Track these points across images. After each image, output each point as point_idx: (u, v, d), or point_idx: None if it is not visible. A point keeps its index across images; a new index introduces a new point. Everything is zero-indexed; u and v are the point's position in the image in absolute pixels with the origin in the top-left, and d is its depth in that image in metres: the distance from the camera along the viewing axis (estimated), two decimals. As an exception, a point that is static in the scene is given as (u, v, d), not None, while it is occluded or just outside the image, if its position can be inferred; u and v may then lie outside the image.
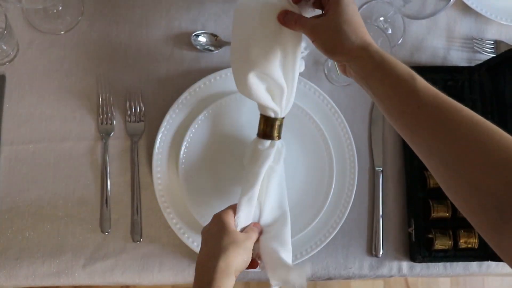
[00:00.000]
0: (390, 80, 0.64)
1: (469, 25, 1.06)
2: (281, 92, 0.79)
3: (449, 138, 0.58)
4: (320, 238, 0.94)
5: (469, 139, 0.56)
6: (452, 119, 0.59)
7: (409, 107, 0.62)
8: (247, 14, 0.78)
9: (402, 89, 0.63)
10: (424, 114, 0.61)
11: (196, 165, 0.92)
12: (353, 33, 0.67)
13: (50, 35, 0.96)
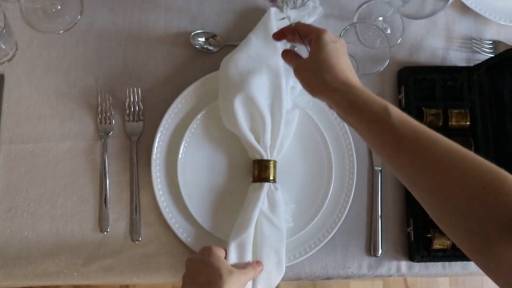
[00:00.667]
0: (365, 117, 0.66)
1: (468, 25, 1.06)
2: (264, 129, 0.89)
3: (431, 168, 0.59)
4: (319, 237, 0.93)
5: (449, 167, 0.58)
6: (431, 149, 0.60)
7: (388, 142, 0.64)
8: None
9: (379, 125, 0.65)
10: (404, 148, 0.62)
11: (195, 164, 0.92)
12: (328, 73, 0.70)
13: (49, 34, 0.96)
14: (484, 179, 0.56)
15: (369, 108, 0.66)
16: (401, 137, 0.62)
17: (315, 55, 0.72)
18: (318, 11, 1.00)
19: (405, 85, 1.00)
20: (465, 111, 0.99)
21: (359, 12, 1.03)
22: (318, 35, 0.73)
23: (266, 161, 0.90)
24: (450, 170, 0.58)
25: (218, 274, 0.74)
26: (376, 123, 0.65)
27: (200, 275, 0.76)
